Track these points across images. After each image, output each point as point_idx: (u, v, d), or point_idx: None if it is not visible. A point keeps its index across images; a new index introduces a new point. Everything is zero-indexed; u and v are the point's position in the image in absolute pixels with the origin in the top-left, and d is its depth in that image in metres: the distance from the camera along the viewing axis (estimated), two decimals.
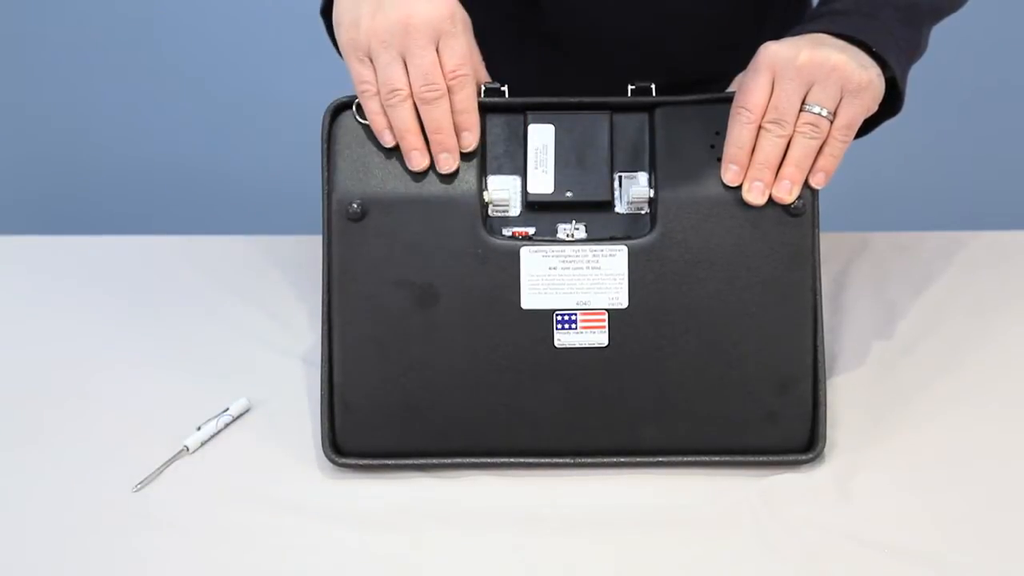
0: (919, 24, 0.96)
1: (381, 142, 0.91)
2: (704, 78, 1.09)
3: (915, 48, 0.96)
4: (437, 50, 0.89)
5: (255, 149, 2.28)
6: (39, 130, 2.34)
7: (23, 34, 2.28)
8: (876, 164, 1.96)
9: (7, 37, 2.29)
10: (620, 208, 0.93)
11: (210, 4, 2.25)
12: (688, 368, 0.91)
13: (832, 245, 1.17)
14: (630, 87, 0.94)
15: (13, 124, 2.34)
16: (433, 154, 0.91)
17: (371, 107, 0.90)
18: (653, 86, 0.94)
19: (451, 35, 0.89)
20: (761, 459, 0.92)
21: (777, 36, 0.93)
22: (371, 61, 0.89)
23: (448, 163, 0.91)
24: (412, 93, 0.89)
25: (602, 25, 1.12)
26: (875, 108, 0.92)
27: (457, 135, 0.91)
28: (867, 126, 0.94)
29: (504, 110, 0.93)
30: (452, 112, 0.90)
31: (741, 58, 0.94)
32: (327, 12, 0.95)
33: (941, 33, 1.03)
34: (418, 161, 0.91)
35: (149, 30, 2.27)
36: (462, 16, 0.90)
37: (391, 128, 0.90)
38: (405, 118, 0.90)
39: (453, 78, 0.89)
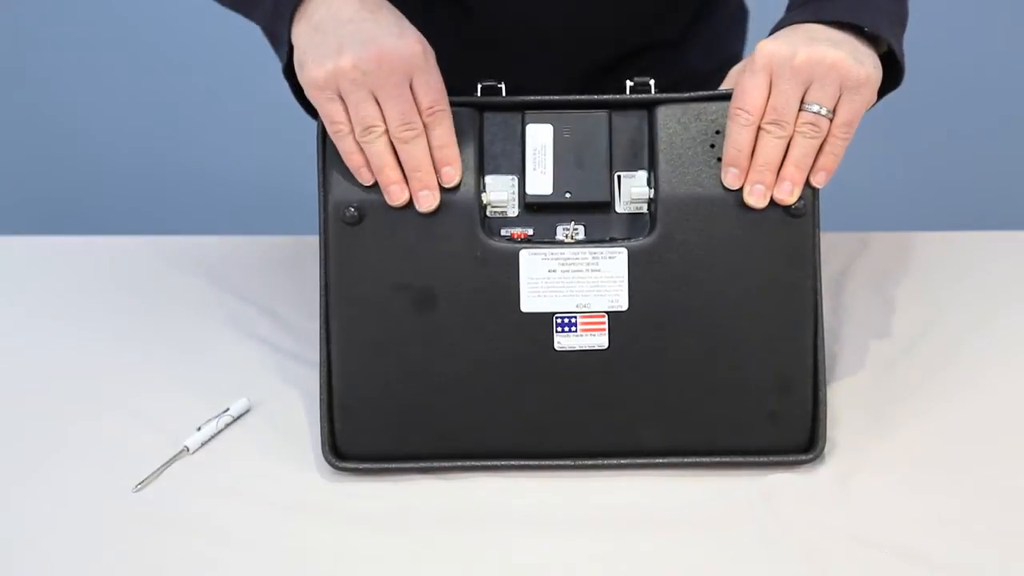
0: None
1: (359, 180, 0.90)
2: (648, 46, 1.09)
3: (903, 18, 0.96)
4: (410, 86, 0.88)
5: (255, 149, 2.28)
6: (40, 130, 2.34)
7: (24, 34, 2.28)
8: (876, 164, 1.96)
9: (7, 37, 2.29)
10: (619, 208, 0.93)
11: (210, 4, 2.25)
12: (688, 369, 0.91)
13: (832, 245, 1.17)
14: (628, 83, 0.94)
15: (13, 124, 2.34)
16: (412, 192, 0.90)
17: (345, 147, 0.89)
18: (652, 82, 0.94)
19: (423, 71, 0.88)
20: (761, 459, 0.92)
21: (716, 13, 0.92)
22: (340, 99, 0.88)
23: (428, 201, 0.90)
24: (388, 130, 0.88)
25: (530, 17, 1.11)
26: (874, 100, 0.92)
27: (438, 171, 0.90)
28: None
29: (501, 109, 0.93)
30: (431, 148, 0.89)
31: (683, 22, 0.93)
32: (289, 70, 0.92)
33: (941, 33, 1.03)
34: (397, 195, 0.90)
35: (149, 30, 2.27)
36: (430, 50, 0.89)
37: (368, 165, 0.89)
38: (382, 153, 0.89)
39: (430, 114, 0.88)
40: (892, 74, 0.94)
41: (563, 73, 0.94)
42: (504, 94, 0.93)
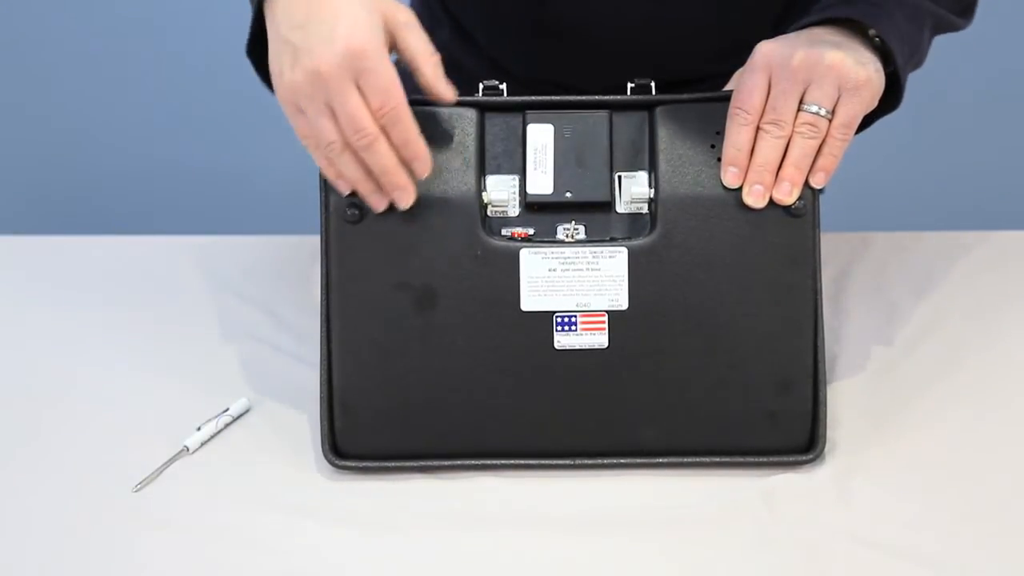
0: (921, 23, 0.96)
1: (338, 191, 0.89)
2: (715, 74, 1.09)
3: (916, 47, 0.96)
4: (359, 88, 0.84)
5: (255, 149, 2.28)
6: (39, 130, 2.34)
7: (23, 34, 2.28)
8: (876, 164, 1.96)
9: (7, 37, 2.29)
10: (620, 208, 0.93)
11: (211, 4, 2.25)
12: (688, 369, 0.91)
13: (832, 245, 1.17)
14: (629, 85, 0.94)
15: (13, 124, 2.34)
16: (387, 194, 0.88)
17: (318, 160, 0.87)
18: (653, 84, 0.94)
19: (367, 71, 0.83)
20: (761, 459, 0.92)
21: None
22: (303, 112, 0.85)
23: (405, 199, 0.88)
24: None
25: (603, 18, 1.10)
26: (874, 104, 0.92)
27: (408, 166, 0.87)
28: (865, 121, 0.94)
29: (502, 109, 0.93)
30: (395, 147, 0.86)
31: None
32: (253, 53, 0.91)
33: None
34: (378, 204, 0.88)
35: (149, 30, 2.27)
36: (375, 43, 0.83)
37: (344, 177, 0.87)
38: (348, 166, 0.86)
39: (382, 115, 0.84)
40: (891, 97, 0.94)
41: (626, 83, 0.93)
42: (505, 94, 0.93)
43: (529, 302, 0.90)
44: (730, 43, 1.08)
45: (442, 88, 0.88)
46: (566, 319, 0.90)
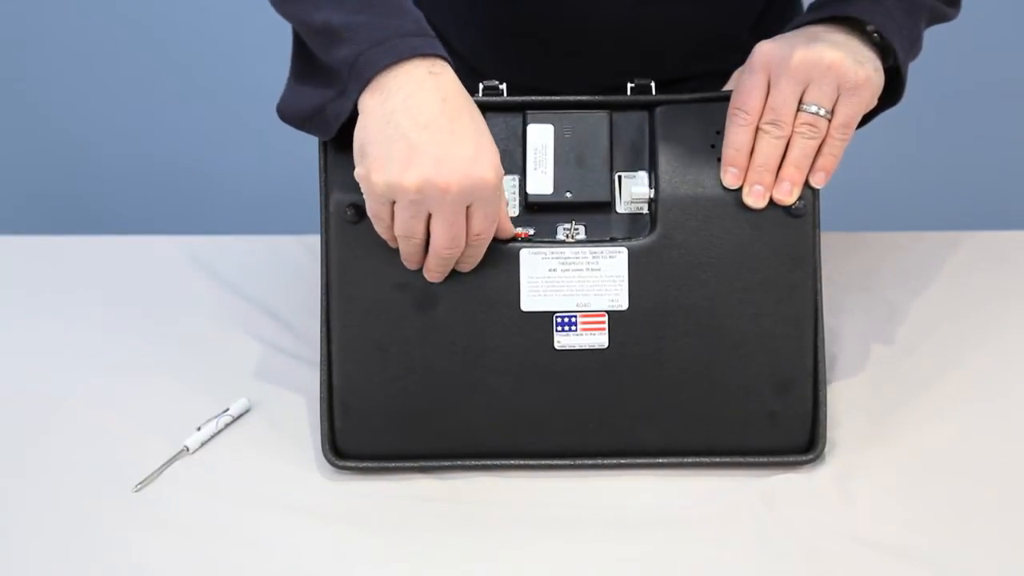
0: (918, 16, 0.96)
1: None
2: (701, 74, 1.09)
3: (915, 40, 0.96)
4: (468, 209, 0.85)
5: (255, 149, 2.28)
6: (39, 130, 2.34)
7: (24, 34, 2.28)
8: (874, 164, 1.96)
9: (7, 37, 2.29)
10: (620, 208, 0.93)
11: (211, 4, 2.25)
12: (688, 369, 0.91)
13: (830, 245, 1.17)
14: (629, 85, 0.94)
15: (13, 124, 2.34)
16: (426, 270, 0.89)
17: (381, 227, 0.88)
18: (653, 84, 0.94)
19: (486, 200, 0.85)
20: (761, 460, 0.93)
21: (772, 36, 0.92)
22: (391, 203, 0.86)
23: (438, 279, 0.90)
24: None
25: (578, 18, 1.09)
26: (874, 103, 0.92)
27: (458, 265, 0.89)
28: (865, 116, 0.94)
29: (503, 109, 0.93)
30: (461, 258, 0.88)
31: (735, 59, 0.93)
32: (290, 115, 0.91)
33: (939, 31, 1.03)
34: (412, 266, 0.90)
35: (149, 30, 2.27)
36: (501, 179, 0.86)
37: (399, 248, 0.89)
38: (413, 252, 0.88)
39: (475, 240, 0.87)
40: (893, 91, 0.94)
41: (611, 83, 0.93)
42: (506, 94, 0.93)
43: (529, 302, 0.91)
44: (709, 42, 1.08)
45: (511, 229, 0.91)
46: (566, 319, 0.90)
